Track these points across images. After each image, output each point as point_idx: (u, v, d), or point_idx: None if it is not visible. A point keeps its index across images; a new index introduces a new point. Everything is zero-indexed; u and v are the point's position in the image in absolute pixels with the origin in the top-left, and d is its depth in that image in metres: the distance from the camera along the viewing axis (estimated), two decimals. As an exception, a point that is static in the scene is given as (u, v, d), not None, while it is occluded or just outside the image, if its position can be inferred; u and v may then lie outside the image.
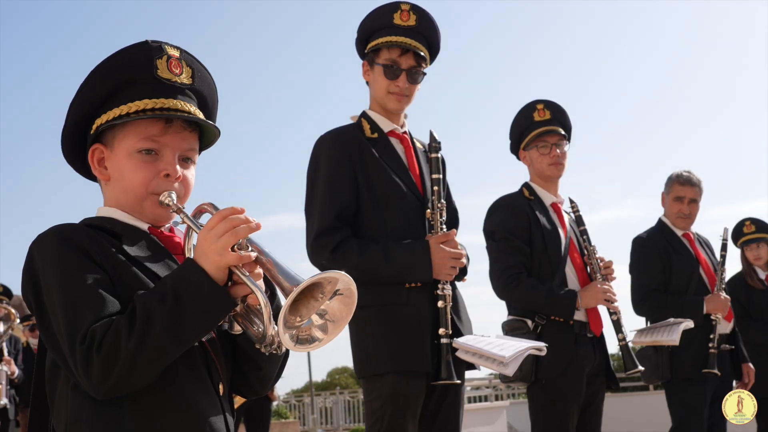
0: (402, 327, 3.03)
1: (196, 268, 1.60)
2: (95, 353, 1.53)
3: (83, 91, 1.79)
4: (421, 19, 3.23)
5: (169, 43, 1.81)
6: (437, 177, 3.18)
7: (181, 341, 1.59)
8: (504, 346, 3.03)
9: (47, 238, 1.68)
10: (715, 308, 4.80)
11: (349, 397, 20.56)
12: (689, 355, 4.68)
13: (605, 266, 3.90)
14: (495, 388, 16.46)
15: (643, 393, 13.28)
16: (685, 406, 4.76)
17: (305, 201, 3.23)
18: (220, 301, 1.61)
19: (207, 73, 1.88)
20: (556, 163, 3.98)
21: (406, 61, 3.21)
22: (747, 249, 6.01)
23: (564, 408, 3.70)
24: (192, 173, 1.85)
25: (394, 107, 3.27)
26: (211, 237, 1.61)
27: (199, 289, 1.58)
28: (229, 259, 1.59)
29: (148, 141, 1.77)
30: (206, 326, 1.64)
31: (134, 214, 1.80)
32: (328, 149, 3.19)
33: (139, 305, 1.57)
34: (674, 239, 5.06)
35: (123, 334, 1.53)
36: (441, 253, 3.05)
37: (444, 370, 3.01)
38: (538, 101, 4.03)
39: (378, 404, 3.02)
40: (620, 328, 3.84)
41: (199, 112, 1.82)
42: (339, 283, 1.55)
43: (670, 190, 5.10)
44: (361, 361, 3.11)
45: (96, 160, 1.83)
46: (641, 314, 4.97)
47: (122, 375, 1.54)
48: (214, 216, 1.64)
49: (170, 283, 1.61)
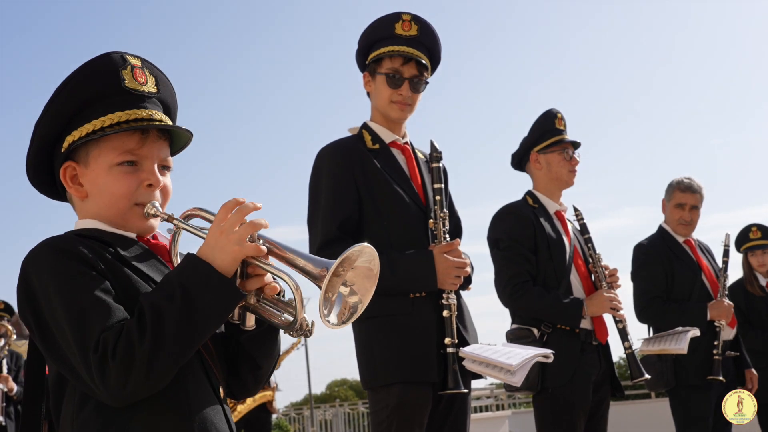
0: (407, 337, 3.02)
1: (200, 262, 1.59)
2: (110, 361, 1.51)
3: (50, 110, 1.75)
4: (423, 29, 3.24)
5: (129, 53, 1.79)
6: (439, 186, 3.18)
7: (194, 338, 1.57)
8: (511, 354, 3.02)
9: (41, 252, 1.65)
10: (719, 315, 4.79)
11: (349, 410, 20.48)
12: (693, 362, 4.67)
13: (610, 274, 3.90)
14: (496, 398, 16.42)
15: (646, 401, 13.25)
16: (690, 413, 4.74)
17: (308, 213, 3.23)
18: (229, 293, 1.60)
19: (167, 79, 1.87)
20: (575, 171, 4.04)
21: (408, 70, 3.22)
22: (751, 255, 6.00)
23: (571, 416, 3.69)
24: (169, 180, 1.84)
25: (396, 116, 3.27)
26: (226, 230, 1.59)
27: (208, 282, 1.57)
28: (249, 249, 1.59)
29: (128, 154, 1.74)
30: (218, 320, 1.62)
31: (118, 227, 1.77)
32: (330, 161, 3.20)
33: (147, 306, 1.55)
34: (675, 246, 5.06)
35: (135, 338, 1.51)
36: (445, 263, 3.04)
37: (451, 380, 3.00)
38: (557, 110, 4.10)
39: (385, 414, 3.01)
40: (626, 336, 3.84)
41: (167, 118, 1.80)
42: (363, 255, 1.58)
43: (671, 197, 5.10)
44: (366, 372, 3.10)
45: (69, 178, 1.78)
46: (644, 321, 4.96)
47: (139, 379, 1.52)
48: (221, 210, 1.63)
49: (176, 280, 1.58)
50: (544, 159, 4.05)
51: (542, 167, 4.06)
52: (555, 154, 4.03)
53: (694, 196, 5.06)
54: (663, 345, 4.42)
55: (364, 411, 19.32)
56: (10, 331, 8.19)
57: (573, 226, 4.08)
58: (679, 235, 5.08)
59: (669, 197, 5.11)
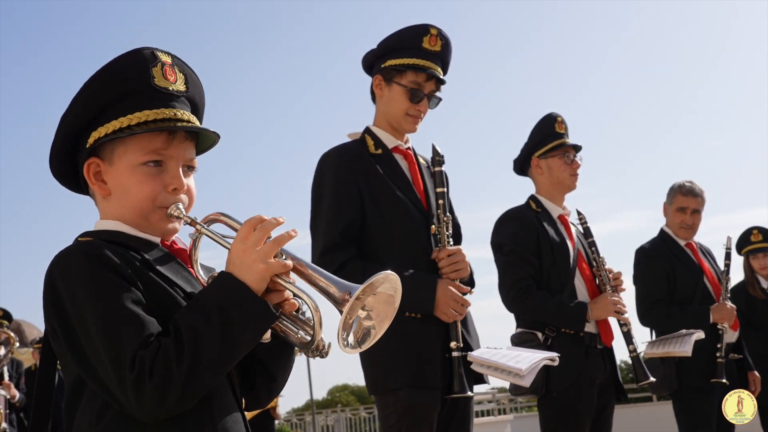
0: (412, 341, 3.02)
1: (237, 282, 1.57)
2: (147, 381, 1.49)
3: (77, 105, 1.72)
4: (445, 45, 3.27)
5: (160, 49, 1.75)
6: (441, 190, 3.18)
7: (230, 360, 1.56)
8: (519, 358, 3.03)
9: (72, 257, 1.62)
10: (722, 317, 4.79)
11: (351, 415, 20.46)
12: (697, 365, 4.66)
13: (614, 277, 3.91)
14: (498, 402, 16.39)
15: (648, 404, 13.24)
16: (694, 416, 4.74)
17: (310, 218, 3.23)
18: (265, 315, 1.58)
19: (196, 76, 1.84)
20: (576, 175, 4.04)
21: (428, 86, 3.25)
22: (753, 258, 6.00)
23: (575, 420, 3.69)
24: (193, 181, 1.81)
25: (409, 129, 3.31)
26: (249, 247, 1.57)
27: (244, 304, 1.55)
28: (275, 267, 1.57)
29: (153, 154, 1.71)
30: (253, 341, 1.60)
31: (140, 229, 1.74)
32: (333, 166, 3.19)
33: (184, 326, 1.53)
34: (677, 249, 5.06)
35: (173, 358, 1.50)
36: (447, 294, 3.03)
37: (456, 384, 3.01)
38: (557, 114, 4.10)
39: (395, 419, 3.01)
40: (631, 339, 3.84)
41: (194, 119, 1.77)
42: (388, 281, 1.57)
43: (672, 200, 5.10)
44: (372, 377, 3.10)
45: (92, 174, 1.75)
46: (647, 325, 4.95)
47: (176, 399, 1.51)
48: (244, 226, 1.61)
49: (213, 300, 1.56)
50: (545, 164, 4.05)
51: (544, 172, 4.06)
52: (556, 159, 4.03)
53: (696, 200, 5.06)
54: (667, 348, 4.42)
55: (366, 416, 19.29)
56: (12, 338, 8.18)
57: (576, 230, 4.08)
58: (680, 239, 5.09)
59: (671, 201, 5.12)
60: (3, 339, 8.35)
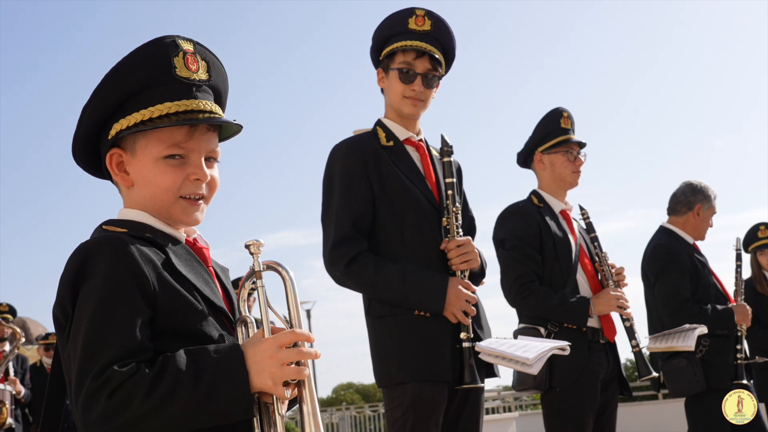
0: (421, 335, 3.00)
1: (243, 371, 1.54)
2: (105, 397, 1.46)
3: (99, 96, 1.71)
4: (436, 24, 3.20)
5: (182, 36, 1.74)
6: (450, 181, 3.15)
7: (189, 426, 1.51)
8: (527, 347, 3.02)
9: (98, 250, 1.60)
10: (743, 318, 4.74)
11: (356, 413, 20.47)
12: (723, 366, 4.63)
13: (617, 273, 3.89)
14: (503, 399, 16.38)
15: (653, 402, 13.19)
16: (713, 416, 4.61)
17: (321, 211, 3.20)
18: (245, 410, 1.55)
19: (219, 62, 1.81)
20: (579, 172, 4.01)
21: (421, 65, 3.17)
22: (760, 254, 5.96)
23: (579, 415, 3.68)
24: (217, 172, 1.80)
25: (409, 112, 3.23)
26: (277, 361, 1.56)
27: (235, 390, 1.52)
28: (279, 393, 1.57)
29: (175, 147, 1.70)
30: (215, 423, 1.54)
31: (163, 219, 1.75)
32: (344, 158, 3.16)
33: (171, 370, 1.50)
34: (691, 248, 4.93)
35: (141, 392, 1.46)
36: (457, 294, 3.00)
37: (467, 375, 2.98)
38: (563, 109, 4.05)
39: (400, 412, 2.99)
40: (633, 334, 3.82)
41: (217, 108, 1.76)
42: None
43: (710, 205, 4.93)
44: (381, 371, 3.08)
45: (115, 165, 1.75)
46: (675, 325, 4.62)
47: (116, 427, 1.47)
48: (289, 334, 1.59)
49: (211, 369, 1.52)
50: (548, 159, 4.02)
51: (546, 167, 4.03)
52: (559, 155, 4.00)
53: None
54: (670, 342, 4.37)
55: (371, 414, 19.31)
56: (18, 333, 8.16)
57: (579, 225, 4.06)
58: (691, 238, 4.97)
59: (707, 206, 4.94)
60: (8, 335, 8.36)
